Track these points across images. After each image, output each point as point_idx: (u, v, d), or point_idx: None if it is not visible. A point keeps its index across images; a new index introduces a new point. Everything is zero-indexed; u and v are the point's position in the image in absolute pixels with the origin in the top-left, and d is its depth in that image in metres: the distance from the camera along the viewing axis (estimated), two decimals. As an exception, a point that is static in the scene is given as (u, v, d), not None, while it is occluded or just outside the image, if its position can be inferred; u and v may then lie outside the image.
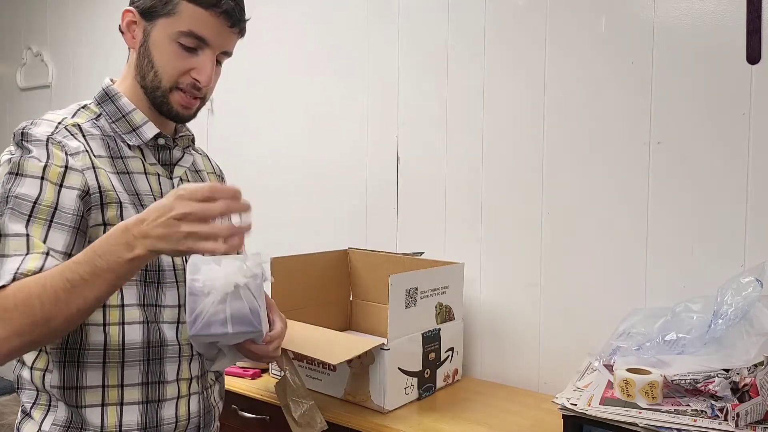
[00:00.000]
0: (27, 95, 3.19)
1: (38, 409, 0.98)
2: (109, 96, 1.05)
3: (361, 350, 1.38)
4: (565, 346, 1.58)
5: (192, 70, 1.02)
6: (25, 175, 0.90)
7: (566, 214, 1.58)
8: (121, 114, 1.04)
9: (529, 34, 1.62)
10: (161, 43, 1.00)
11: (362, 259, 1.87)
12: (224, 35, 1.03)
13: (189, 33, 0.99)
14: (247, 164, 2.26)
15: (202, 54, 1.02)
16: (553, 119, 1.59)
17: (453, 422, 1.37)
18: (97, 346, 0.95)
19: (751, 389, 1.02)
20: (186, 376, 1.03)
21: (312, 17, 2.08)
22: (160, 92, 1.02)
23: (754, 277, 1.14)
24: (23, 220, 0.87)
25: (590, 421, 1.07)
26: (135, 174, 1.02)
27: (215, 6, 1.00)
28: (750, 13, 1.32)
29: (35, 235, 0.87)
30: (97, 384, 0.95)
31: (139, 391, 0.98)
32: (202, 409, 1.07)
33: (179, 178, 1.09)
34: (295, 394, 1.31)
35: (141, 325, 0.98)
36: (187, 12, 0.99)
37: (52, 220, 0.89)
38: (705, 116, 1.39)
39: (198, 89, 1.03)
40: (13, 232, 0.86)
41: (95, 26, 2.81)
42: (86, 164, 0.95)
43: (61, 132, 0.96)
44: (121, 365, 0.96)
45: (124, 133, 1.03)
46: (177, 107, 1.04)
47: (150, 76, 1.02)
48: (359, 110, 1.97)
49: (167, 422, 1.01)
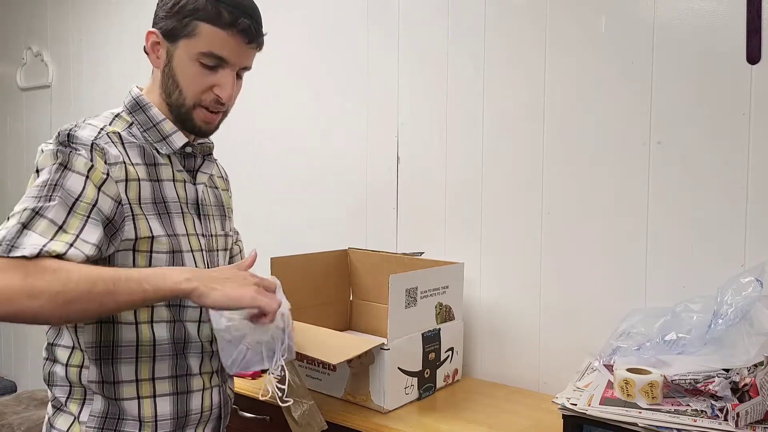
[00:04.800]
0: (27, 95, 3.19)
1: (74, 402, 1.04)
2: (140, 105, 1.11)
3: (361, 350, 1.38)
4: (565, 346, 1.58)
5: (214, 87, 1.07)
6: (72, 169, 0.96)
7: (566, 214, 1.58)
8: (152, 123, 1.10)
9: (529, 34, 1.62)
10: (183, 64, 1.06)
11: (362, 259, 1.87)
12: (243, 52, 1.08)
13: (209, 53, 1.05)
14: (247, 165, 2.26)
15: (222, 72, 1.07)
16: (553, 119, 1.59)
17: (453, 422, 1.37)
18: (129, 342, 1.03)
19: (751, 389, 1.02)
20: (208, 370, 1.12)
21: (312, 18, 2.08)
22: (184, 109, 1.09)
23: (754, 277, 1.14)
24: (65, 211, 0.93)
25: (590, 421, 1.07)
26: (165, 181, 1.08)
27: (232, 26, 1.04)
28: (750, 13, 1.32)
29: (71, 227, 0.92)
30: (131, 378, 1.03)
31: (170, 384, 1.06)
32: (222, 401, 1.15)
33: (203, 184, 1.17)
34: (295, 394, 1.31)
35: (168, 323, 1.06)
36: (205, 33, 1.04)
37: (89, 216, 0.95)
38: (705, 116, 1.39)
39: (221, 104, 1.09)
40: (51, 217, 0.91)
41: (95, 26, 2.81)
42: (121, 176, 1.01)
43: (103, 138, 1.01)
44: (152, 359, 1.05)
45: (155, 141, 1.09)
46: (200, 123, 1.10)
47: (175, 95, 1.08)
48: (359, 110, 1.97)
49: (194, 412, 1.09)
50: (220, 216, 1.22)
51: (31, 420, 2.46)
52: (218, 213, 1.22)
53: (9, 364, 3.41)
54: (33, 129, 3.15)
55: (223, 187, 1.30)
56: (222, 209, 1.24)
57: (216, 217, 1.20)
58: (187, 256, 1.08)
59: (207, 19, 1.03)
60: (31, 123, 3.17)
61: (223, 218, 1.23)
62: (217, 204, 1.22)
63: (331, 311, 1.84)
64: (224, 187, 1.30)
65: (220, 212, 1.22)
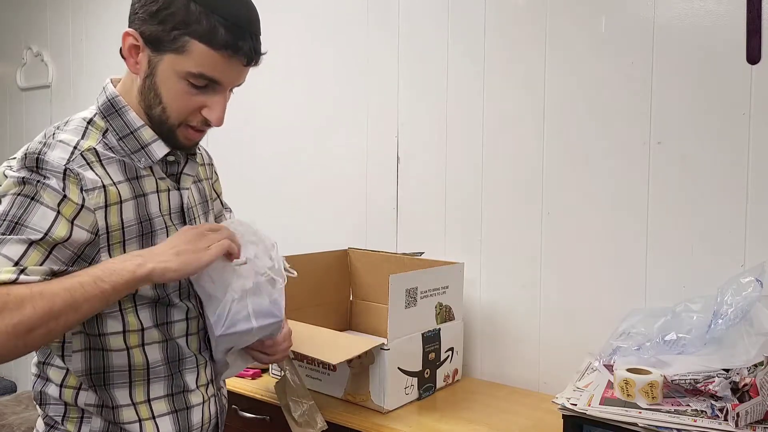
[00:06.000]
0: (27, 95, 3.19)
1: (70, 421, 0.99)
2: (115, 108, 0.98)
3: (361, 350, 1.38)
4: (565, 346, 1.58)
5: (203, 109, 0.96)
6: (41, 202, 0.86)
7: (566, 214, 1.58)
8: (129, 130, 0.98)
9: (529, 34, 1.62)
10: (169, 80, 0.93)
11: (362, 259, 1.87)
12: (239, 73, 0.97)
13: (200, 75, 0.92)
14: (247, 165, 2.26)
15: (214, 93, 0.96)
16: (553, 119, 1.59)
17: (453, 422, 1.37)
18: (121, 368, 0.97)
19: (751, 389, 1.02)
20: (204, 382, 1.07)
21: (312, 18, 2.08)
22: (166, 127, 0.97)
23: (754, 277, 1.14)
24: (23, 246, 0.84)
25: (590, 421, 1.07)
26: (149, 195, 0.99)
27: (230, 48, 0.91)
28: (750, 13, 1.32)
29: (29, 261, 0.84)
30: (127, 402, 0.98)
31: (167, 403, 1.01)
32: (218, 410, 1.12)
33: (188, 190, 1.07)
34: (295, 394, 1.31)
35: (160, 344, 1.00)
36: (198, 52, 0.91)
37: (52, 251, 0.86)
38: (705, 116, 1.39)
39: (208, 125, 0.99)
40: (3, 253, 0.83)
41: (95, 26, 2.81)
42: (100, 203, 0.91)
43: (77, 160, 0.90)
44: (147, 382, 0.99)
45: (132, 151, 0.97)
46: (183, 140, 1.00)
47: (157, 111, 0.96)
48: (359, 110, 1.97)
49: (195, 427, 1.05)
50: (204, 213, 1.13)
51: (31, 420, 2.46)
52: (202, 211, 1.13)
53: (9, 364, 3.40)
54: (33, 129, 3.15)
55: (206, 176, 1.18)
56: (205, 205, 1.14)
57: (200, 216, 1.11)
58: None
59: (200, 37, 0.90)
60: (31, 123, 3.17)
61: (206, 214, 1.14)
62: (201, 201, 1.13)
63: (331, 311, 1.84)
64: (206, 176, 1.18)
65: (203, 209, 1.13)
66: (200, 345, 1.07)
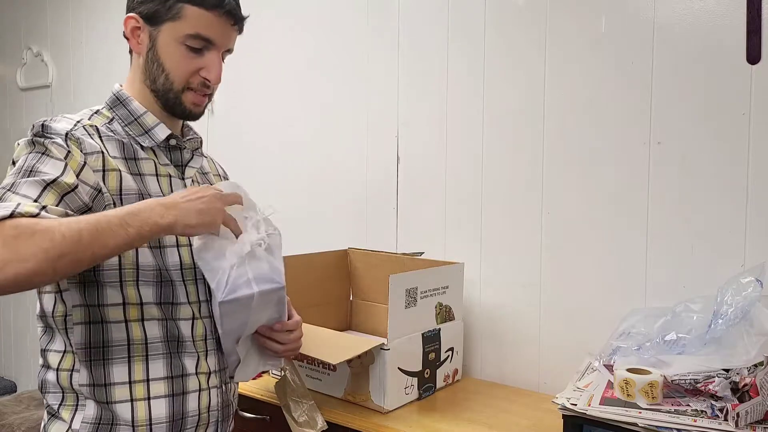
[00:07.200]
0: (27, 95, 3.19)
1: (66, 409, 1.01)
2: (120, 100, 1.09)
3: (361, 350, 1.38)
4: (565, 346, 1.58)
5: (201, 70, 1.07)
6: (50, 155, 0.94)
7: (566, 214, 1.58)
8: (133, 117, 1.08)
9: (529, 34, 1.62)
10: (169, 47, 1.05)
11: (362, 259, 1.87)
12: (227, 33, 1.09)
13: (196, 35, 1.04)
14: (247, 165, 2.25)
15: (209, 54, 1.07)
16: (552, 119, 1.59)
17: (453, 422, 1.37)
18: (120, 342, 1.00)
19: (751, 389, 1.03)
20: (204, 370, 1.07)
21: (312, 17, 2.08)
22: (172, 94, 1.07)
23: (754, 277, 1.14)
24: (39, 187, 0.90)
25: (590, 421, 1.07)
26: (147, 176, 1.05)
27: (218, 7, 1.05)
28: (750, 13, 1.32)
29: (45, 200, 0.89)
30: (124, 380, 1.00)
31: (165, 385, 1.02)
32: (221, 403, 1.11)
33: (191, 179, 1.13)
34: (295, 393, 1.31)
35: (159, 321, 1.03)
36: (191, 15, 1.04)
37: (63, 197, 0.92)
38: (705, 116, 1.39)
39: (207, 87, 1.09)
40: (23, 192, 0.89)
41: (95, 26, 2.81)
42: (98, 166, 0.98)
43: (79, 130, 1.00)
44: (146, 359, 1.01)
45: (137, 135, 1.07)
46: (190, 106, 1.09)
47: (161, 80, 1.07)
48: (359, 110, 1.97)
49: (191, 414, 1.05)
50: None
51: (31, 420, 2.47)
52: None
53: (9, 364, 3.41)
54: (33, 129, 3.15)
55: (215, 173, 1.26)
56: None
57: None
58: (170, 251, 1.05)
59: (192, 1, 1.03)
60: (30, 123, 3.17)
61: None
62: None
63: (331, 311, 1.84)
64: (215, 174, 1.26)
65: None
66: (206, 332, 1.08)
